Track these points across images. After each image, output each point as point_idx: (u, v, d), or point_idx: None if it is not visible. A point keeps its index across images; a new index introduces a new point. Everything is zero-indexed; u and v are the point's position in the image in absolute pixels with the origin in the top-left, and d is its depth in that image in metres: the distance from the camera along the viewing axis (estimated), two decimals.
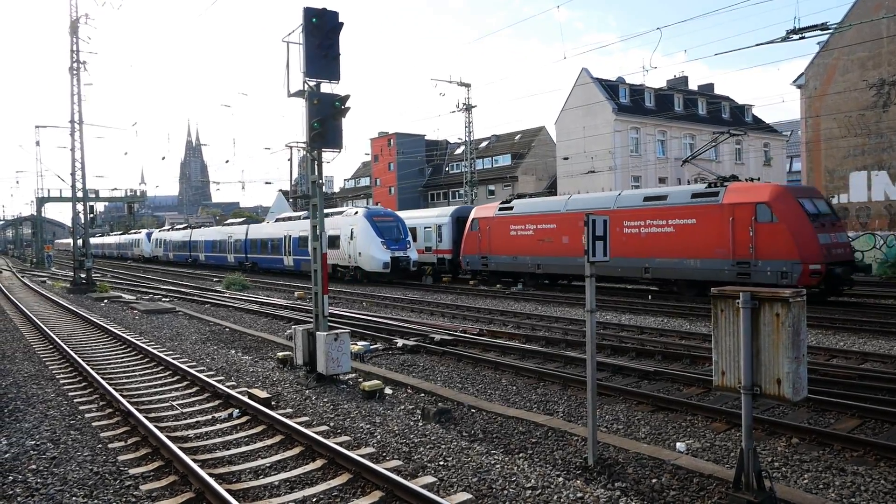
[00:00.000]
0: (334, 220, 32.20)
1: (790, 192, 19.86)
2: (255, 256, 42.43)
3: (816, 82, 32.54)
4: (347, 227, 31.85)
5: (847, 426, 8.03)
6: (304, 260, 35.16)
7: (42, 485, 6.49)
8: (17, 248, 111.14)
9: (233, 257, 46.04)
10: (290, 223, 38.16)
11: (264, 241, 41.46)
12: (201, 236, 53.41)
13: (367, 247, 30.53)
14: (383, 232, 30.87)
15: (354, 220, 31.77)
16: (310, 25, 10.49)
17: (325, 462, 6.88)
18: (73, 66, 30.23)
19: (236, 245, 45.47)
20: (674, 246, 21.39)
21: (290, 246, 37.11)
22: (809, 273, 18.39)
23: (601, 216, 6.68)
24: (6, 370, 12.34)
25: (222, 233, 49.05)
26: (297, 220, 38.21)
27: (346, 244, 31.68)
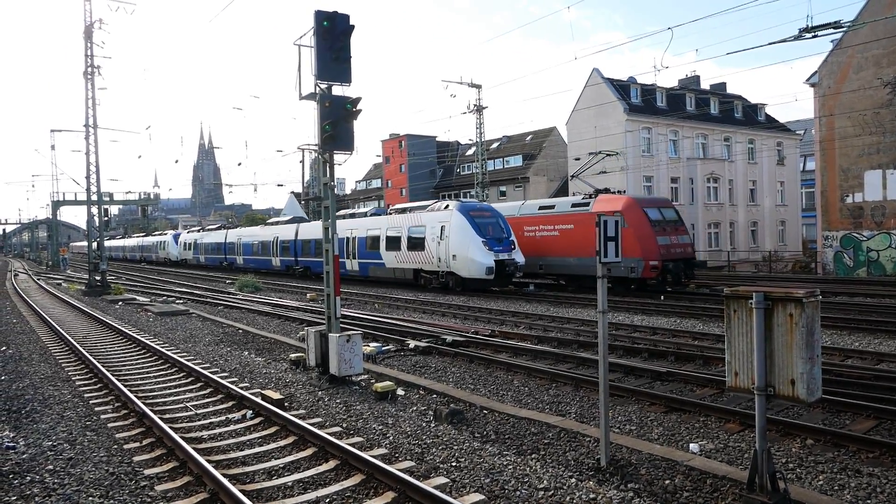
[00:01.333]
0: (416, 216, 28.37)
1: (639, 203, 25.06)
2: (308, 260, 37.11)
3: (830, 80, 32.26)
4: (435, 223, 26.80)
5: (863, 427, 7.96)
6: (373, 264, 31.06)
7: (59, 485, 6.57)
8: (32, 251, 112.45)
9: (278, 261, 41.30)
10: (354, 221, 33.21)
11: (320, 242, 37.79)
12: (239, 237, 48.59)
13: (464, 248, 25.33)
14: (483, 229, 25.57)
15: (446, 215, 26.56)
16: (321, 29, 10.54)
17: (338, 463, 6.91)
18: (88, 71, 30.54)
19: (283, 247, 40.61)
20: (559, 247, 26.74)
21: (356, 248, 32.31)
22: (650, 268, 23.36)
23: (612, 217, 6.67)
24: (23, 372, 12.49)
25: (265, 233, 43.98)
26: (362, 216, 33.79)
27: (434, 245, 26.65)
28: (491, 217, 26.70)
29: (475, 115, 44.34)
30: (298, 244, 38.94)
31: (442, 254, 26.29)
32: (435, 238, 26.65)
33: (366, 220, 32.48)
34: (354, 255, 32.56)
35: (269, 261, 42.79)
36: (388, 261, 29.75)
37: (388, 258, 29.74)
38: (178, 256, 62.94)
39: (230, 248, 49.79)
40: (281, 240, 40.97)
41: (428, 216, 27.71)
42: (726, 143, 50.37)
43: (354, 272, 33.04)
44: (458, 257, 25.53)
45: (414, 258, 28.09)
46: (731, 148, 50.36)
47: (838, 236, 32.16)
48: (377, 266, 30.78)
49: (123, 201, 73.19)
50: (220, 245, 51.85)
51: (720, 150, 49.68)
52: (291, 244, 39.73)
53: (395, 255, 29.21)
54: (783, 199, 53.19)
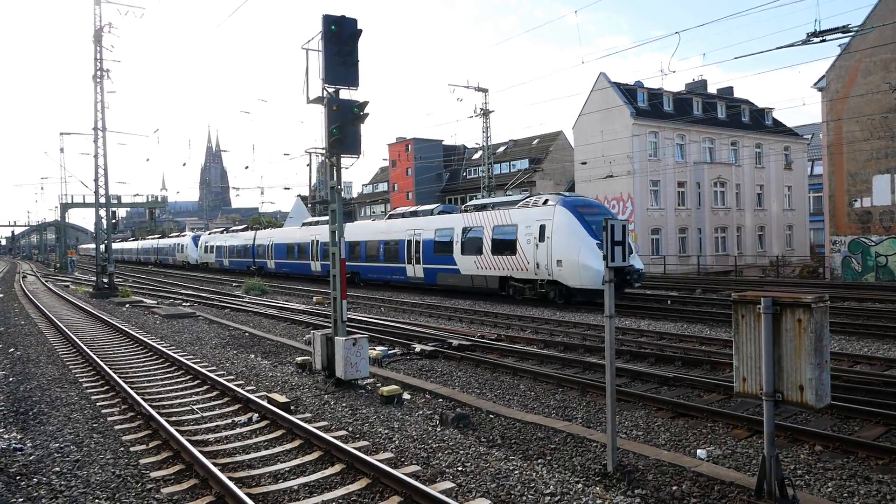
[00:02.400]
0: (503, 213, 23.87)
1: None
2: (358, 265, 33.11)
3: (838, 85, 32.13)
4: (531, 221, 22.48)
5: (872, 433, 7.90)
6: (443, 270, 26.88)
7: (66, 487, 6.59)
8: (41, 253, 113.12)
9: (319, 265, 36.94)
10: (418, 220, 29.31)
11: (373, 244, 32.07)
12: (270, 239, 44.54)
13: (573, 251, 21.02)
14: (595, 229, 21.06)
15: (545, 212, 22.28)
16: (329, 33, 10.57)
17: (344, 467, 6.90)
18: (97, 75, 30.74)
19: (326, 250, 35.31)
20: None
21: (420, 251, 28.46)
22: None
23: (620, 221, 6.66)
24: (31, 373, 12.54)
25: (302, 235, 39.56)
26: (427, 215, 29.37)
27: (530, 247, 22.25)
28: (601, 214, 22.41)
29: (482, 119, 44.37)
30: (346, 247, 33.58)
31: (541, 258, 21.85)
32: (531, 239, 22.29)
33: (434, 220, 28.37)
34: (418, 259, 28.50)
35: (306, 265, 38.60)
36: (465, 266, 25.66)
37: (464, 263, 25.76)
38: (197, 260, 59.08)
39: (260, 250, 45.80)
40: (323, 242, 36.11)
41: (520, 213, 23.41)
42: (733, 147, 50.21)
43: (418, 279, 28.90)
44: (566, 263, 21.18)
45: (501, 263, 23.72)
46: (739, 152, 50.18)
47: (846, 241, 31.98)
48: (449, 273, 26.66)
49: (131, 204, 73.65)
50: (248, 247, 47.67)
51: (727, 155, 49.51)
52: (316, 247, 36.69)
53: (475, 260, 25.07)
54: (791, 203, 52.97)
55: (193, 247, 60.47)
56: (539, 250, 22.02)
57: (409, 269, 29.27)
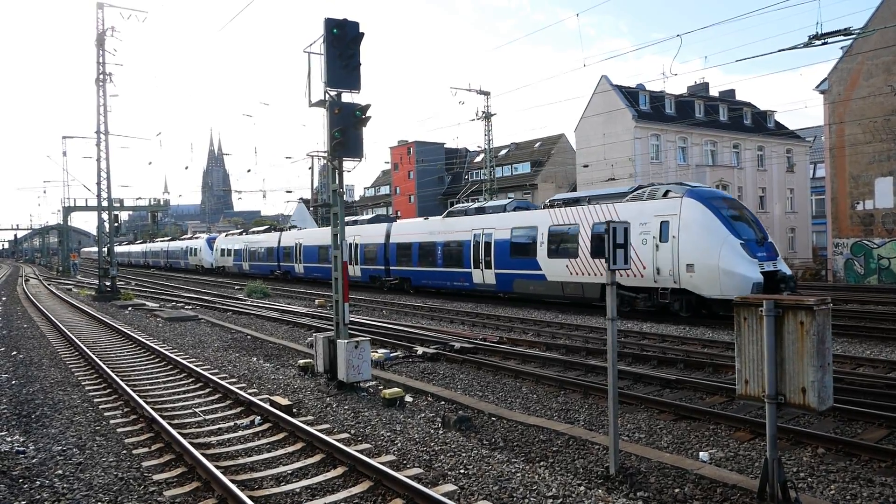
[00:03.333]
0: (606, 208, 20.26)
1: None
2: (409, 269, 29.57)
3: (840, 87, 32.12)
4: (650, 217, 18.68)
5: (875, 436, 7.88)
6: (522, 276, 23.21)
7: (68, 490, 6.60)
8: (44, 257, 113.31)
9: (359, 270, 33.47)
10: (487, 218, 25.52)
11: (427, 246, 28.40)
12: (298, 241, 40.49)
13: (711, 253, 17.44)
14: (735, 226, 17.91)
15: (669, 205, 18.49)
16: (331, 36, 10.59)
17: (346, 469, 6.90)
18: (100, 78, 30.83)
19: (368, 253, 32.89)
20: None
21: (492, 253, 24.58)
22: None
23: (622, 223, 6.66)
24: (33, 376, 12.56)
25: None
26: (499, 211, 25.65)
27: (648, 249, 18.50)
28: (738, 208, 19.12)
29: (483, 122, 44.41)
30: (391, 249, 31.06)
31: (663, 262, 18.14)
32: (648, 239, 18.56)
33: (509, 217, 24.62)
34: (488, 263, 24.63)
35: None
36: (553, 271, 21.90)
37: (551, 268, 22.03)
38: (213, 264, 55.14)
39: (286, 253, 42.03)
40: (364, 244, 33.02)
41: (630, 208, 19.54)
42: (735, 150, 50.19)
43: (487, 287, 25.15)
44: (700, 268, 17.53)
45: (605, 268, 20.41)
46: (741, 155, 50.16)
47: (849, 244, 31.95)
48: (530, 279, 22.89)
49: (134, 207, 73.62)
50: (272, 250, 43.95)
51: (729, 158, 49.49)
52: (380, 249, 32.04)
53: (568, 265, 21.26)
54: (793, 206, 52.91)
55: (208, 250, 56.91)
56: (660, 252, 18.28)
57: (476, 275, 25.39)
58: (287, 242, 42.15)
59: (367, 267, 32.97)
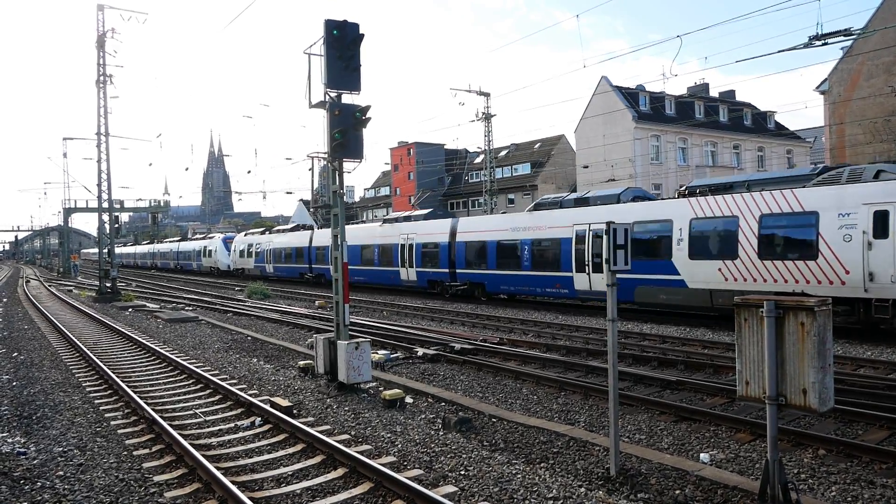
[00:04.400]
0: (782, 196, 16.06)
1: None
2: (484, 272, 25.05)
3: (840, 88, 32.13)
4: (856, 206, 14.89)
5: (876, 437, 7.88)
6: (648, 282, 18.83)
7: (69, 491, 6.60)
8: (44, 258, 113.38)
9: (415, 273, 29.14)
10: (590, 211, 21.12)
11: (508, 245, 23.79)
12: None
13: None
14: None
15: (886, 190, 14.60)
16: (331, 37, 10.60)
17: (347, 471, 6.90)
18: (100, 80, 30.86)
19: (426, 253, 28.49)
20: None
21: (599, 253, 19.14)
22: None
23: (622, 225, 6.66)
24: (34, 378, 12.56)
25: (385, 234, 31.52)
26: (605, 202, 21.26)
27: (853, 248, 14.74)
28: None
29: (483, 123, 44.42)
30: (458, 248, 26.56)
31: (878, 265, 14.28)
32: (851, 235, 14.71)
33: (626, 209, 20.06)
34: (597, 265, 20.06)
35: (393, 273, 30.56)
36: (697, 276, 17.87)
37: (694, 272, 17.95)
38: (230, 265, 51.09)
39: (321, 254, 37.17)
40: (422, 243, 28.69)
41: (822, 194, 15.45)
42: (736, 150, 50.21)
43: (593, 294, 20.80)
44: None
45: (782, 273, 15.94)
46: (741, 156, 50.18)
47: None
48: (661, 286, 18.68)
49: (134, 209, 73.61)
50: (303, 251, 39.06)
51: (729, 158, 49.51)
52: (443, 249, 27.44)
53: (722, 268, 17.19)
54: None
55: (224, 250, 52.61)
56: (873, 252, 14.34)
57: (580, 280, 21.02)
58: (322, 242, 36.94)
59: (426, 270, 28.43)
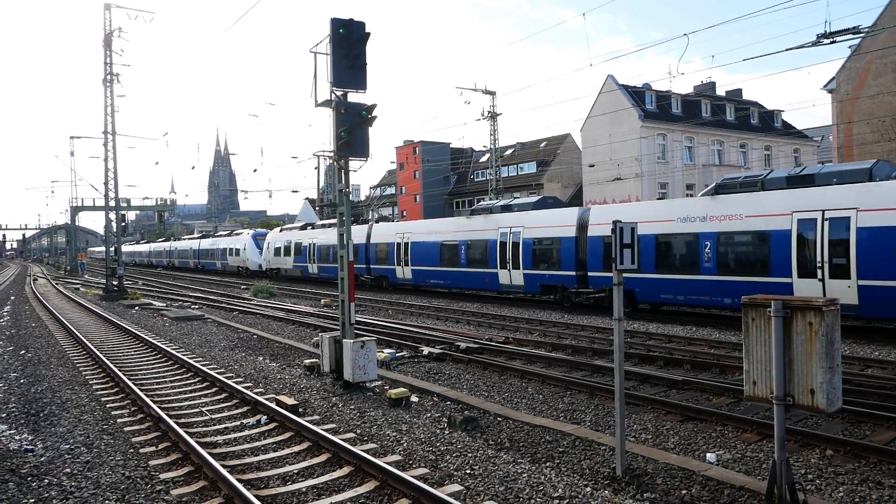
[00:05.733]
0: None
1: None
2: (641, 277, 18.83)
3: (848, 86, 31.94)
4: None
5: (883, 438, 7.84)
6: None
7: (76, 488, 6.62)
8: (51, 256, 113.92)
9: (520, 276, 23.57)
10: (813, 193, 15.71)
11: (681, 239, 18.67)
12: (404, 235, 30.21)
13: None
14: None
15: None
16: (337, 36, 10.60)
17: (352, 469, 6.91)
18: (107, 79, 30.96)
19: (541, 250, 22.94)
20: None
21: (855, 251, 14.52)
22: None
23: (629, 224, 6.63)
24: (41, 375, 12.62)
25: (474, 228, 25.81)
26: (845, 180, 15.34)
27: None
28: None
29: (489, 122, 44.36)
30: (591, 246, 20.83)
31: None
32: None
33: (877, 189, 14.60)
34: (843, 269, 14.72)
35: (487, 276, 24.87)
36: None
37: None
38: (262, 265, 46.03)
39: (382, 252, 32.18)
40: (534, 238, 23.10)
41: None
42: (742, 149, 50.00)
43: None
44: None
45: None
46: (748, 155, 49.97)
47: None
48: None
49: (141, 207, 73.87)
50: (359, 248, 32.35)
51: (736, 157, 49.32)
52: (566, 245, 21.91)
53: None
54: None
55: (254, 248, 47.91)
56: None
57: (805, 285, 15.43)
58: (383, 238, 31.81)
59: (539, 272, 22.85)
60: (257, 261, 47.22)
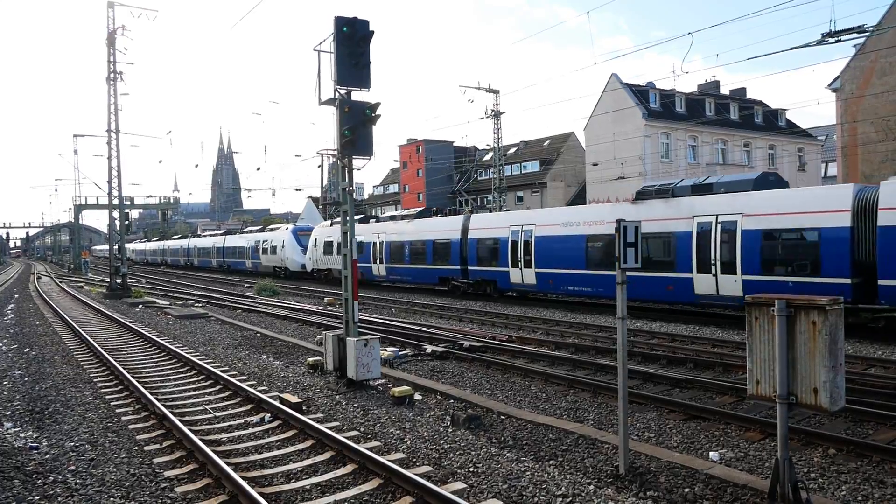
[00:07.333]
0: None
1: None
2: None
3: (853, 85, 31.84)
4: None
5: (886, 437, 7.83)
6: None
7: (81, 485, 6.65)
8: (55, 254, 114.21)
9: (734, 282, 16.92)
10: None
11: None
12: (522, 227, 23.74)
13: None
14: None
15: None
16: (341, 34, 10.61)
17: (356, 467, 6.93)
18: (111, 77, 31.02)
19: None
20: None
21: None
22: None
23: (633, 223, 6.63)
24: (46, 373, 12.67)
25: (646, 215, 18.72)
26: None
27: None
28: None
29: (493, 121, 44.35)
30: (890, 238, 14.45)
31: None
32: None
33: None
34: None
35: (662, 281, 18.56)
36: None
37: None
38: (307, 265, 39.54)
39: (486, 250, 25.51)
40: (756, 229, 16.59)
41: None
42: (746, 148, 49.90)
43: None
44: None
45: None
46: (752, 153, 49.88)
47: None
48: None
49: (144, 205, 73.90)
50: (451, 246, 27.36)
51: (740, 156, 49.22)
52: (838, 237, 15.14)
53: None
54: None
55: (295, 245, 41.74)
56: None
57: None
58: (488, 232, 25.61)
59: (776, 278, 16.15)
60: (299, 260, 40.89)
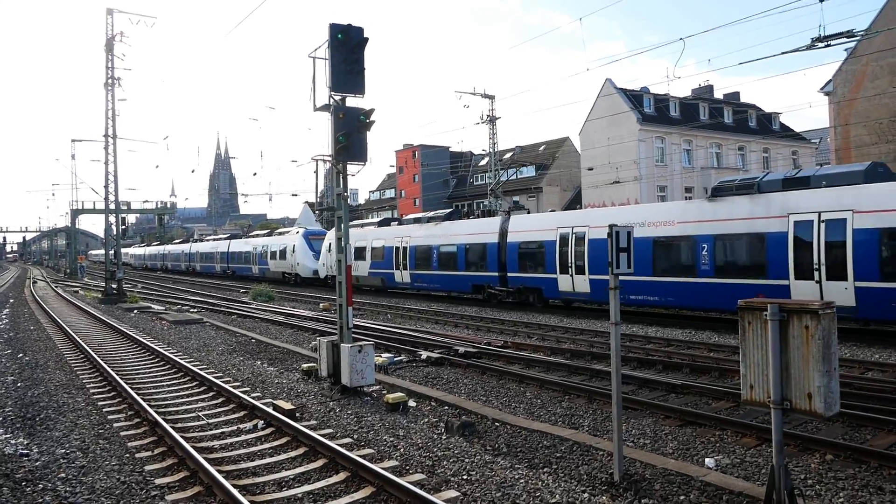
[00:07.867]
0: None
1: None
2: None
3: (845, 89, 31.97)
4: None
5: (884, 442, 7.80)
6: None
7: (71, 493, 6.58)
8: (51, 259, 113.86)
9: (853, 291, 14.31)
10: None
11: None
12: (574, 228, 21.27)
13: None
14: None
15: None
16: (335, 41, 10.61)
17: (349, 475, 6.87)
18: (108, 83, 31.00)
19: None
20: None
21: None
22: None
23: (625, 228, 6.61)
24: (39, 379, 12.58)
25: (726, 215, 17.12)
26: None
27: None
28: None
29: (488, 126, 44.35)
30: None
31: None
32: None
33: None
34: None
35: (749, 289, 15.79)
36: None
37: None
38: (319, 270, 36.96)
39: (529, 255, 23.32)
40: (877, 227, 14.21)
41: None
42: (741, 152, 50.03)
43: None
44: None
45: None
46: (746, 157, 49.98)
47: None
48: None
49: (141, 210, 73.67)
50: (488, 249, 25.16)
51: (735, 160, 49.33)
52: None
53: None
54: None
55: (307, 250, 39.40)
56: None
57: None
58: (531, 235, 23.34)
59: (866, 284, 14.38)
60: (311, 265, 38.50)
